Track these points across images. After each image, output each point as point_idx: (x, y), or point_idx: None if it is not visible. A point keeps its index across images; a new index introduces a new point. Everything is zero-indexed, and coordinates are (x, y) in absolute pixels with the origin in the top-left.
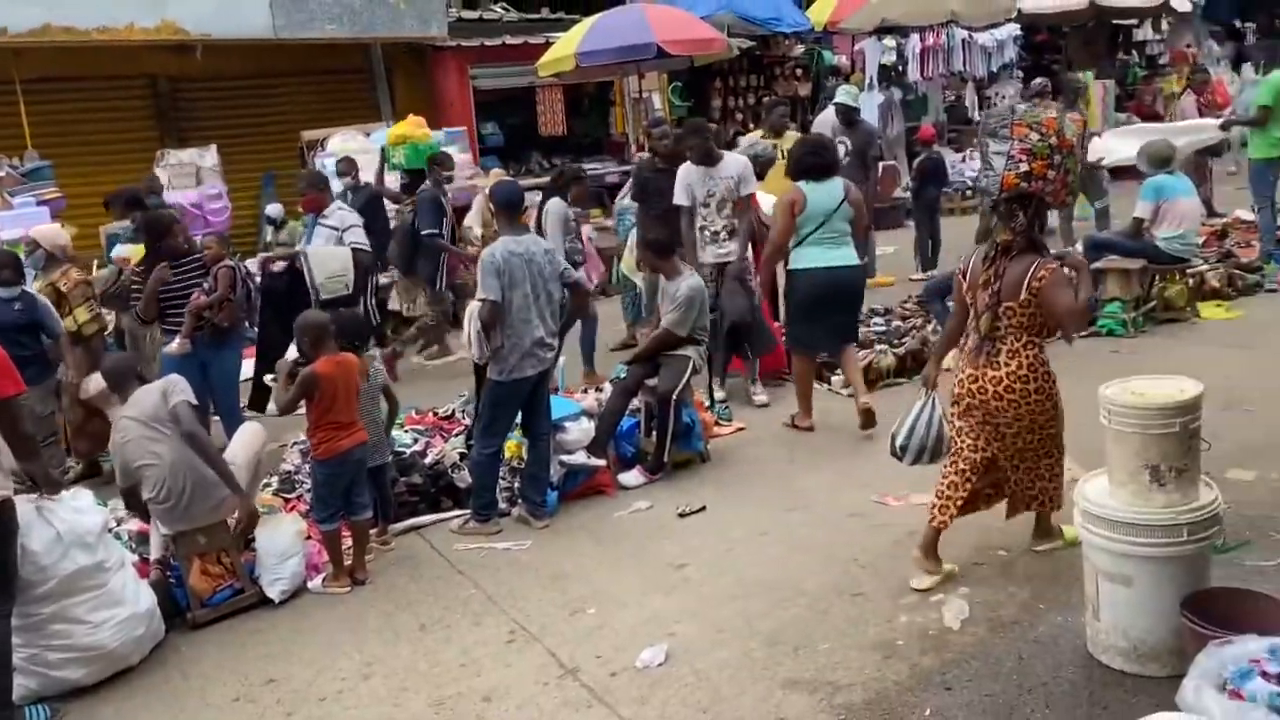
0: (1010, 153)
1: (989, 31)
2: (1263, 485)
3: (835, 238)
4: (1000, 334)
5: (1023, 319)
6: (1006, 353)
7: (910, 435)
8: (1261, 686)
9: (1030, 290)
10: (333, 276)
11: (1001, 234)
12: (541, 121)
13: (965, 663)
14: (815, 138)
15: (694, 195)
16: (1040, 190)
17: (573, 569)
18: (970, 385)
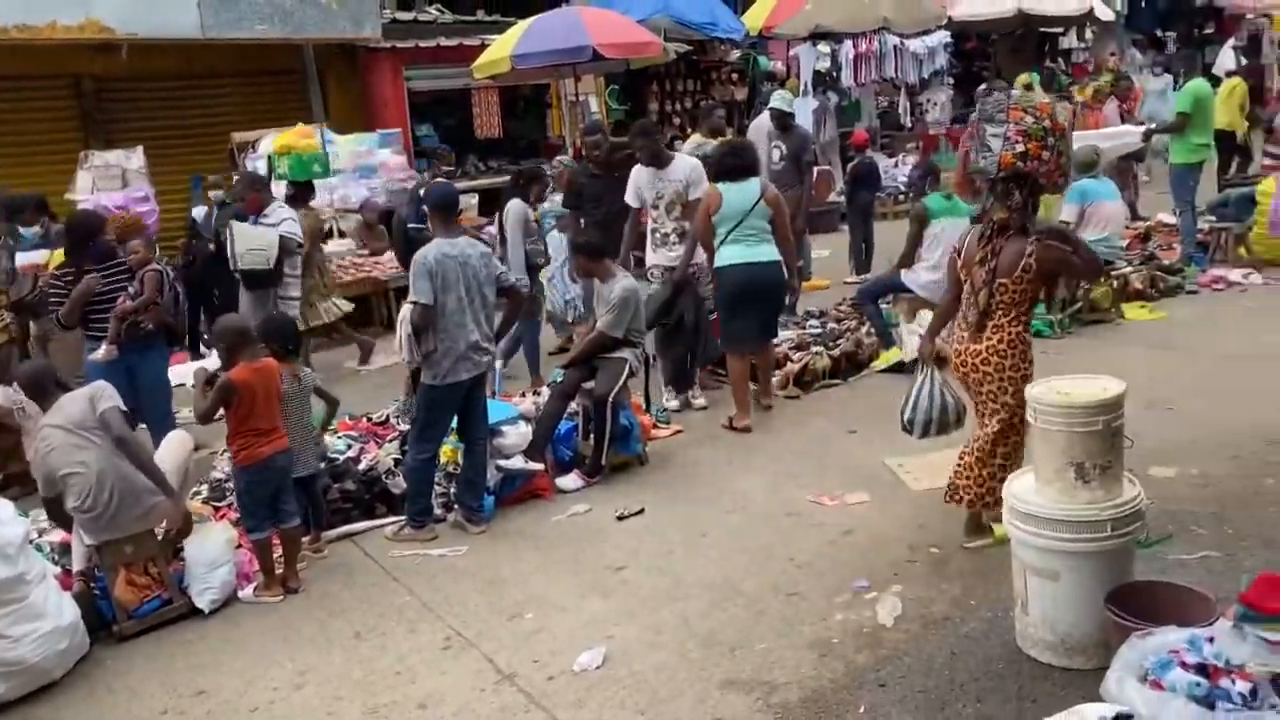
0: (1007, 135)
1: (920, 39)
2: (1184, 481)
3: (753, 235)
4: (992, 309)
5: (1014, 294)
6: (991, 327)
7: (915, 409)
8: (1180, 676)
9: (1025, 268)
10: (253, 249)
11: (998, 213)
12: (477, 124)
13: (899, 659)
14: (736, 140)
15: (643, 197)
16: (1035, 170)
17: (510, 574)
18: (957, 360)
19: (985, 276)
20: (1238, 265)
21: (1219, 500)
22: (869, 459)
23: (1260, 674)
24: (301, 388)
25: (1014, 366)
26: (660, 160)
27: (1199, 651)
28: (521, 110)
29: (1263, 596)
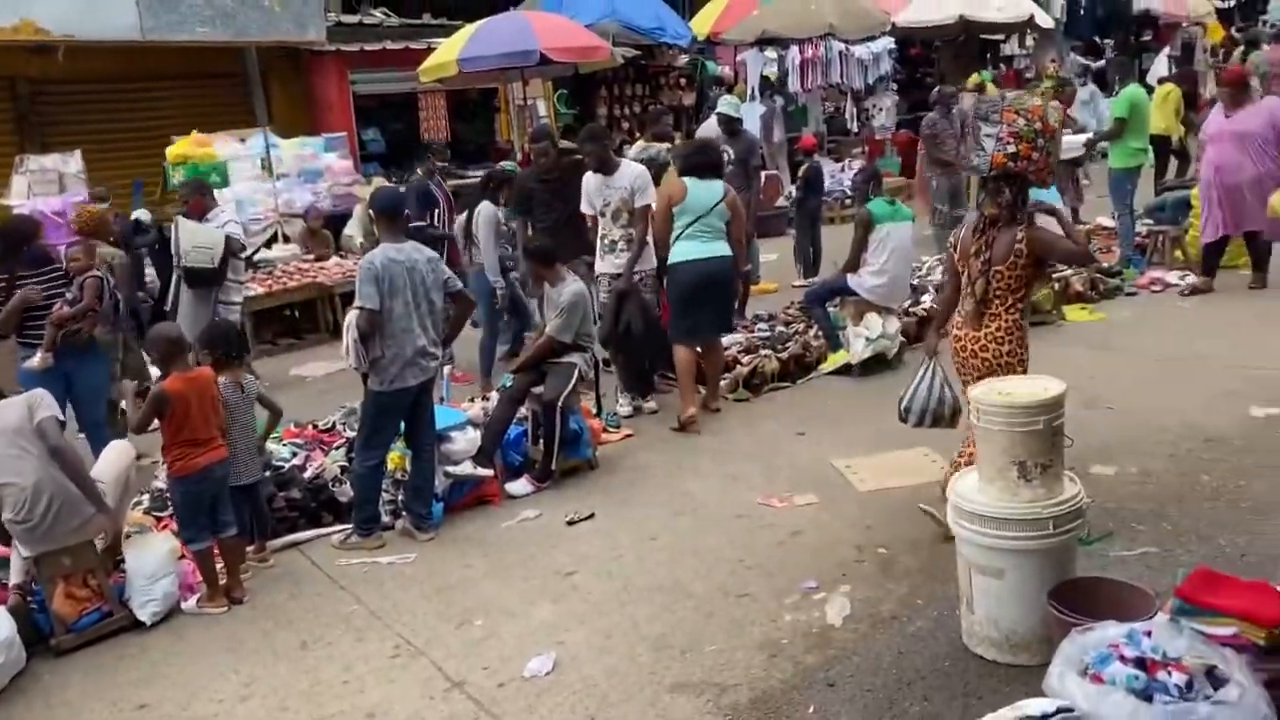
0: (999, 135)
1: (865, 45)
2: (1123, 479)
3: (710, 233)
4: (989, 297)
5: (1009, 282)
6: (989, 315)
7: (914, 399)
8: (1119, 670)
9: (1016, 254)
10: (199, 247)
11: (989, 208)
12: (424, 127)
13: (847, 659)
14: (702, 141)
15: (593, 204)
16: (1025, 170)
17: (459, 581)
18: (955, 345)
19: (981, 267)
20: (1174, 267)
21: (1157, 498)
22: (817, 460)
23: (1195, 666)
24: (245, 395)
25: (1011, 353)
26: (607, 166)
27: (1137, 645)
28: (469, 114)
29: (1197, 590)
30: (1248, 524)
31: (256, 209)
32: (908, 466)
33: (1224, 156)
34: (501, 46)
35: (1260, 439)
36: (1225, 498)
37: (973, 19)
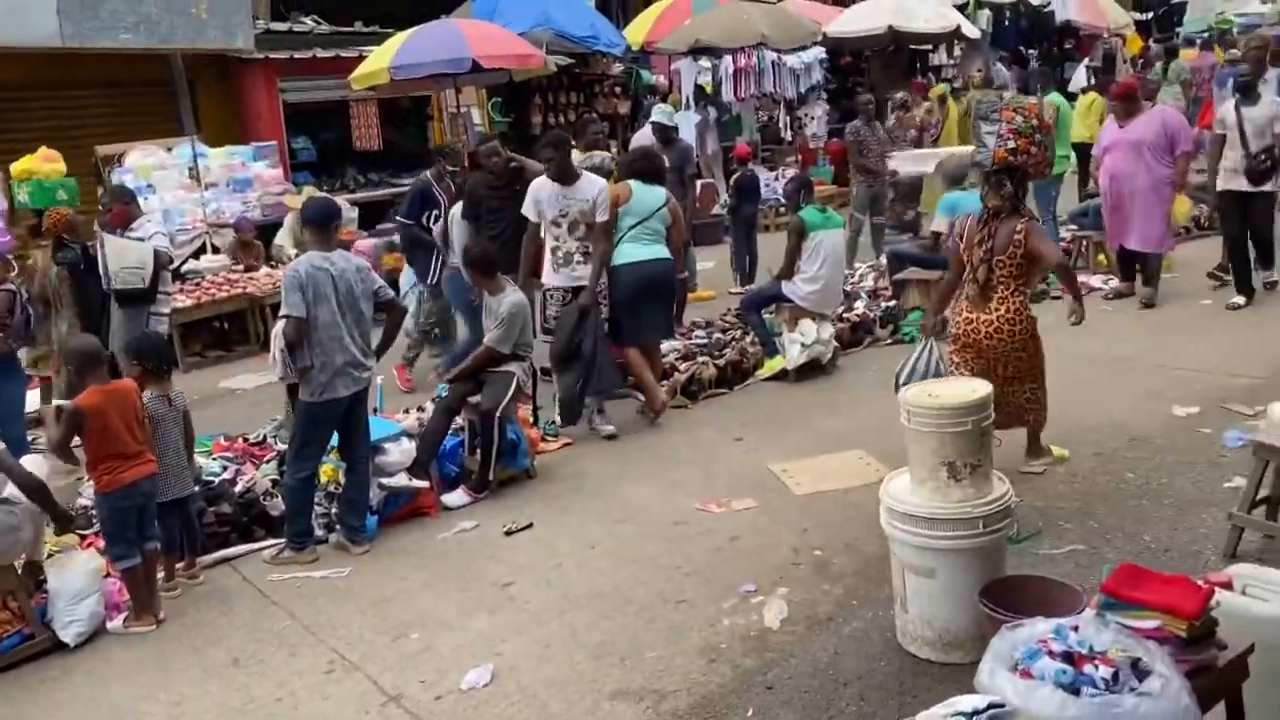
0: (1000, 132)
1: (797, 55)
2: (1051, 478)
3: (651, 236)
4: (993, 284)
5: (1011, 269)
6: (996, 300)
7: (912, 375)
8: (1048, 664)
9: (1015, 244)
10: (128, 268)
11: (992, 200)
12: (356, 135)
13: (785, 662)
14: (645, 147)
15: (543, 213)
16: (1024, 164)
17: (394, 593)
18: (966, 327)
19: (983, 255)
20: (1098, 272)
21: (1084, 496)
22: (755, 465)
23: (1120, 659)
24: (173, 409)
25: (1023, 331)
26: (568, 176)
27: (1064, 640)
28: (402, 122)
29: (1122, 585)
30: (1171, 520)
31: (184, 219)
32: (843, 469)
33: (1119, 166)
34: (434, 54)
35: (1182, 438)
36: (1149, 495)
37: (901, 29)
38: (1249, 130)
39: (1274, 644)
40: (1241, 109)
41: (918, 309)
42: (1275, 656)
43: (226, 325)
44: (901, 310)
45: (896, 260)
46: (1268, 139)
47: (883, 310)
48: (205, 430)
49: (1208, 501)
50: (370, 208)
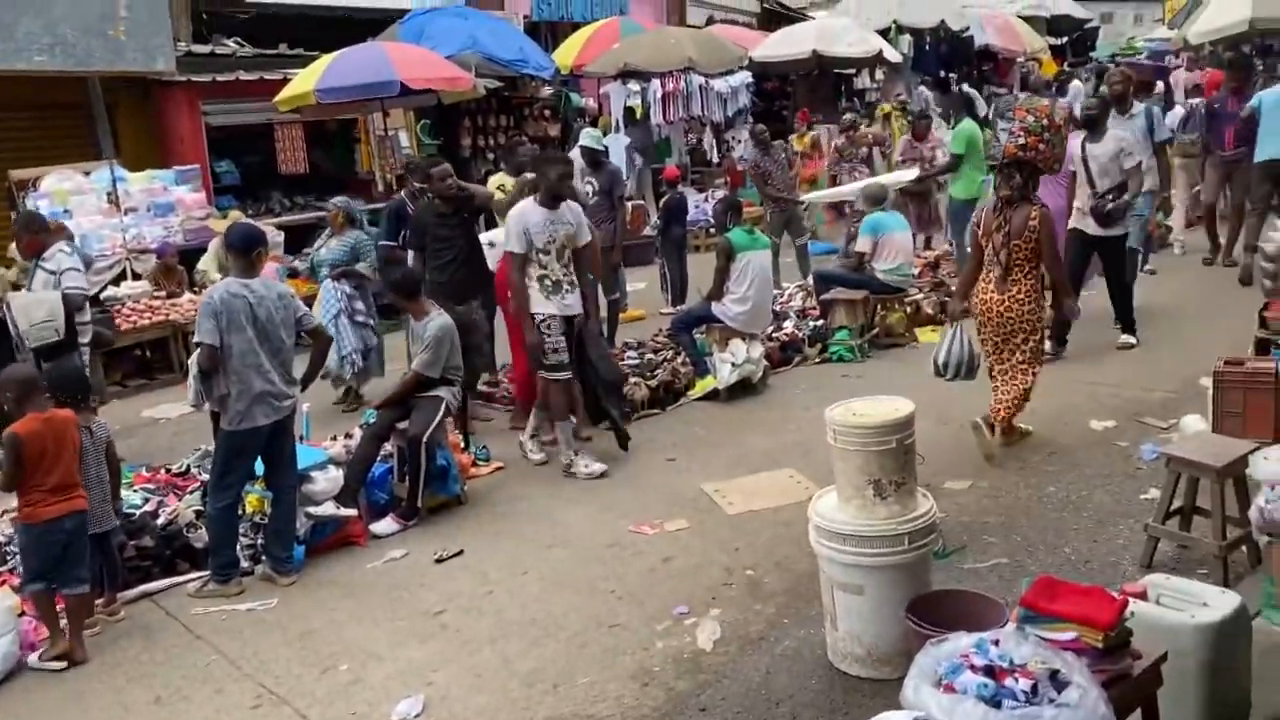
0: (1012, 130)
1: (724, 79)
2: (974, 493)
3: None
4: (1010, 265)
5: (1026, 252)
6: (1010, 281)
7: (949, 355)
8: (970, 679)
9: (1030, 229)
10: (38, 324)
11: (1003, 190)
12: (281, 159)
13: (718, 683)
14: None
15: (532, 242)
16: (1033, 158)
17: (323, 625)
18: (985, 305)
19: (1002, 240)
20: None
21: (1007, 510)
22: (687, 486)
23: (1040, 671)
24: (95, 440)
25: (1031, 311)
26: (557, 200)
27: (985, 654)
28: (328, 145)
29: (1039, 598)
30: (1090, 532)
31: (103, 245)
32: (774, 488)
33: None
34: (360, 77)
35: (1100, 451)
36: (1069, 508)
37: (825, 54)
38: (1094, 168)
39: (1186, 651)
40: (1086, 145)
41: (845, 328)
42: (1188, 663)
43: (149, 353)
44: (829, 329)
45: (823, 281)
46: (1115, 176)
47: (811, 329)
48: (127, 461)
49: (1125, 513)
50: (296, 231)
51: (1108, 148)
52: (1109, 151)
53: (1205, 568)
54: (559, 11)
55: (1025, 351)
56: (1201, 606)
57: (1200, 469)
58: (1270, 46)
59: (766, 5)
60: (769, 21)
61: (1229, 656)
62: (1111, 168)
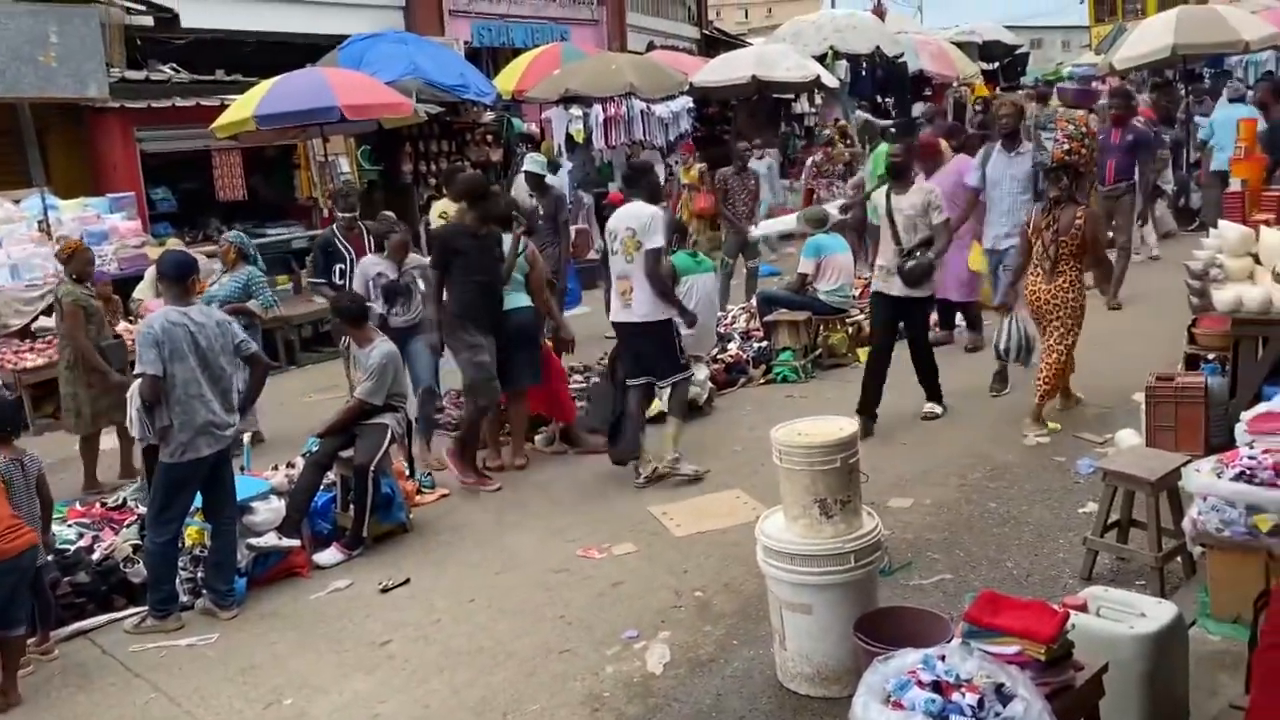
0: (1056, 138)
1: (665, 104)
2: (919, 510)
3: (509, 285)
4: (1060, 259)
5: (1072, 247)
6: (1057, 272)
7: (1010, 340)
8: (918, 695)
9: (1077, 227)
10: None
11: (1052, 191)
12: (219, 185)
13: (668, 706)
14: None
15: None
16: (1076, 162)
17: (266, 659)
18: (1035, 295)
19: (1051, 236)
20: None
21: (950, 526)
22: (636, 509)
23: (985, 685)
24: (26, 474)
25: (1074, 299)
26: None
27: (932, 670)
28: (267, 171)
29: (982, 613)
30: (1031, 546)
31: (34, 274)
32: (721, 509)
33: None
34: (299, 103)
35: (1037, 465)
36: (1011, 523)
37: (764, 79)
38: (899, 222)
39: (1126, 661)
40: (892, 196)
41: (788, 349)
42: (1129, 673)
43: None
44: (773, 350)
45: (766, 302)
46: (920, 232)
47: (755, 351)
48: (61, 495)
49: (1064, 527)
50: None
51: (914, 200)
52: (916, 205)
53: (1143, 579)
54: (500, 37)
55: (1061, 331)
56: (1140, 617)
57: (1135, 482)
58: (1193, 71)
59: (707, 32)
60: (709, 47)
61: (1167, 665)
62: (917, 221)
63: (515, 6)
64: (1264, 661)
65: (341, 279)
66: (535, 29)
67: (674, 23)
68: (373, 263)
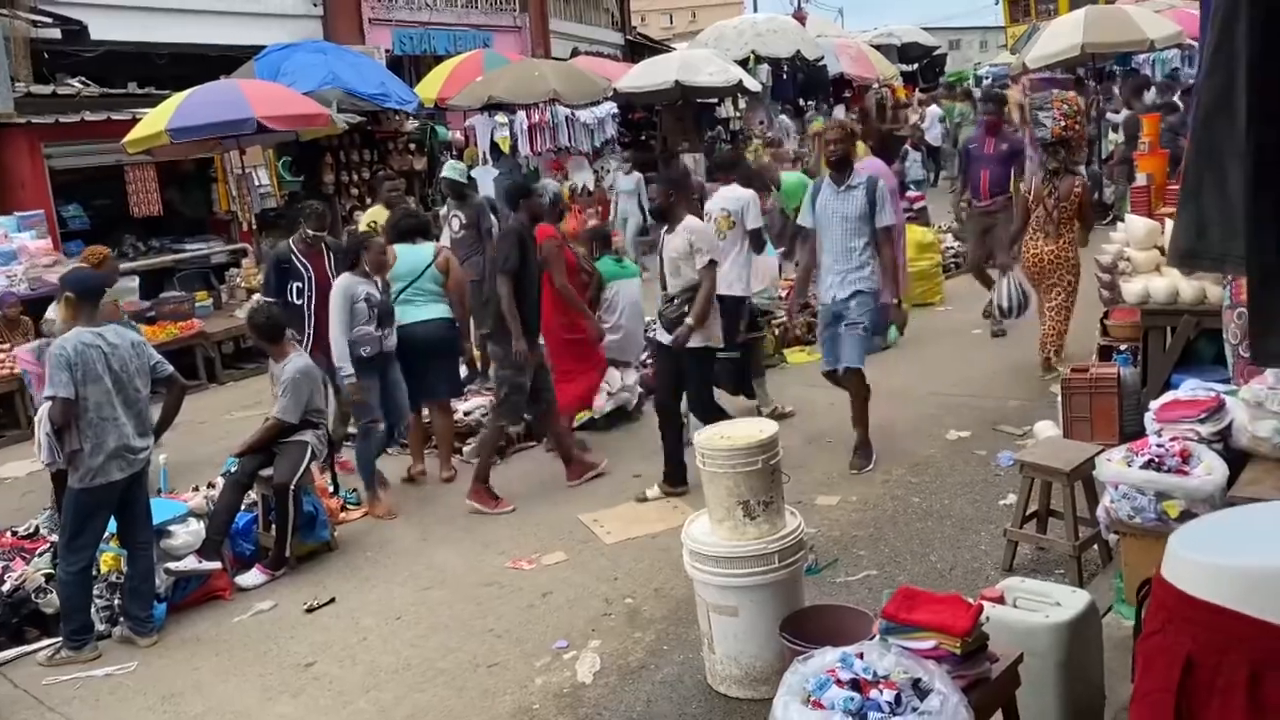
0: (1054, 116)
1: (589, 110)
2: (845, 508)
3: (425, 296)
4: (1060, 222)
5: (1069, 213)
6: (1059, 233)
7: (1008, 299)
8: (837, 694)
9: (1075, 195)
10: None
11: (1051, 163)
12: (134, 201)
13: (598, 716)
14: (405, 208)
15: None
16: (1072, 137)
17: (187, 686)
18: (1038, 255)
19: (1053, 203)
20: None
21: (875, 522)
22: (566, 518)
23: (902, 681)
24: None
25: (1074, 257)
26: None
27: (851, 668)
28: (184, 185)
29: (899, 609)
30: (954, 539)
31: None
32: (651, 514)
33: None
34: (214, 115)
35: (958, 459)
36: (934, 517)
37: (687, 84)
38: (666, 266)
39: (1042, 651)
40: (665, 236)
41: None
42: (1045, 662)
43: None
44: None
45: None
46: (685, 277)
47: None
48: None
49: (986, 519)
50: (152, 275)
51: (678, 243)
52: (680, 249)
53: (1062, 568)
54: (422, 45)
55: (1064, 287)
56: (1055, 606)
57: (1051, 473)
58: (1104, 70)
59: (631, 37)
60: (633, 53)
61: (1082, 652)
62: (681, 266)
63: (437, 14)
64: (1145, 648)
65: (299, 298)
66: (458, 36)
67: (598, 29)
68: (354, 282)
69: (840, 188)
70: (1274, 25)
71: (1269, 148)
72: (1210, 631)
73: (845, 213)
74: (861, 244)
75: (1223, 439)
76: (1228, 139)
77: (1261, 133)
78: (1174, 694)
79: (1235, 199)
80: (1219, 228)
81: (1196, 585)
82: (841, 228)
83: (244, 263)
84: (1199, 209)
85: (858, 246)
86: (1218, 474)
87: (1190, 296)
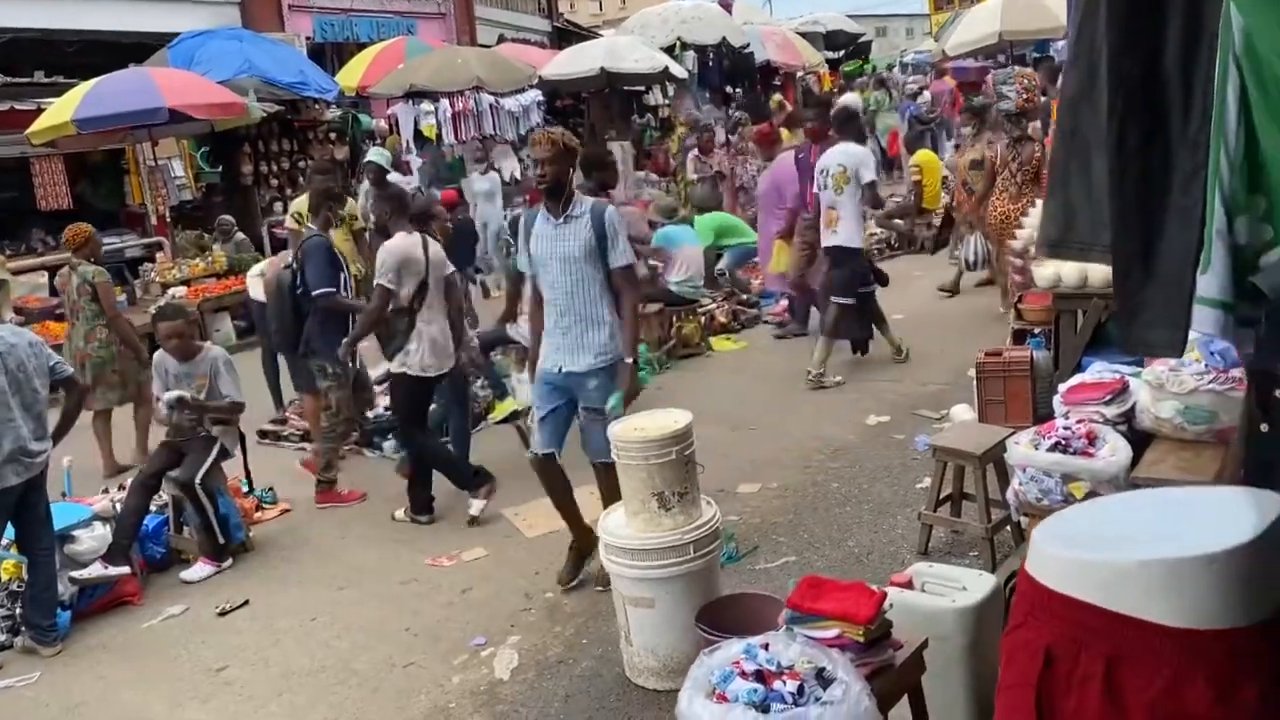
0: (1017, 89)
1: (514, 97)
2: (765, 494)
3: None
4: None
5: (1030, 174)
6: (1021, 194)
7: (974, 254)
8: (741, 686)
9: (1035, 160)
10: None
11: (1014, 131)
12: (41, 195)
13: (515, 713)
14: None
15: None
16: (1030, 109)
17: (93, 695)
18: (1005, 214)
19: (1016, 166)
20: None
21: (795, 509)
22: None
23: (806, 670)
24: None
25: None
26: None
27: (755, 659)
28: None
29: (804, 598)
30: (871, 524)
31: None
32: None
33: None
34: (123, 105)
35: (878, 444)
36: (852, 502)
37: (613, 70)
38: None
39: (948, 635)
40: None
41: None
42: (951, 646)
43: None
44: None
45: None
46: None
47: None
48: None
49: (903, 503)
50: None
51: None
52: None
53: (976, 550)
54: (343, 33)
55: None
56: (961, 590)
57: (963, 456)
58: (1023, 57)
59: (558, 24)
60: (561, 40)
61: (989, 636)
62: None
63: (359, 1)
64: (1009, 642)
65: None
66: (381, 23)
67: (524, 15)
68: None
69: (558, 219)
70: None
71: (1130, 137)
72: (1069, 625)
73: (565, 253)
74: (594, 293)
75: (1127, 420)
76: (1092, 129)
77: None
78: (1034, 687)
79: (1100, 189)
80: (1086, 217)
81: (1056, 579)
82: (564, 271)
83: (159, 257)
84: (1066, 198)
85: (591, 296)
86: (1121, 455)
87: (1100, 281)
